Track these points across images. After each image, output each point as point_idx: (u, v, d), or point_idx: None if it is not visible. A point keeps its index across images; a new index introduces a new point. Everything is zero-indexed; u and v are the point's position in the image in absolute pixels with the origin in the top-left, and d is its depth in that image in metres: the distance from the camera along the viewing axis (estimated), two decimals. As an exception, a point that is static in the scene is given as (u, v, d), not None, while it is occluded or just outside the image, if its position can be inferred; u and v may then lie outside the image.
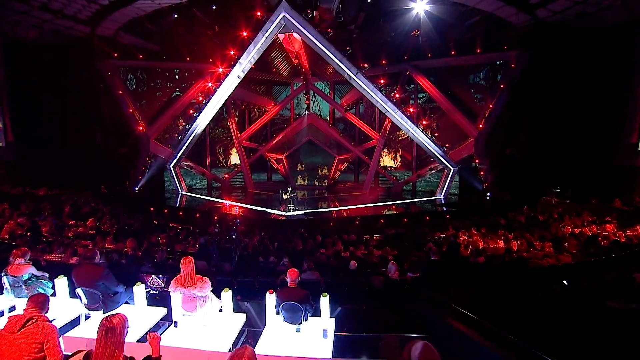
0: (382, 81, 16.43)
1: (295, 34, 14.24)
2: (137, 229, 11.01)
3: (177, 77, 20.91)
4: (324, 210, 15.13)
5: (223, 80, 15.62)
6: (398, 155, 23.06)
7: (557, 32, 16.77)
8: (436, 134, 17.91)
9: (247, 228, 12.06)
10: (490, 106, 18.37)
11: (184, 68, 20.24)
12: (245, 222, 13.86)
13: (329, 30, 14.10)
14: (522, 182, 18.59)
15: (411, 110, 17.31)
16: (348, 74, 15.12)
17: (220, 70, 15.69)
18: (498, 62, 19.42)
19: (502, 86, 18.18)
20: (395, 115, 16.76)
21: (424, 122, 17.76)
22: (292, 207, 14.48)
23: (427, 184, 22.43)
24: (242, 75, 15.55)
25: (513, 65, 17.83)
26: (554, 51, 16.98)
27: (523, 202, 16.18)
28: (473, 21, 17.79)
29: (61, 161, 18.15)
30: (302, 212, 14.21)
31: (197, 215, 14.67)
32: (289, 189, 14.94)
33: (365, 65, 15.44)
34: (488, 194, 18.56)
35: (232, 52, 15.18)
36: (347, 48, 15.20)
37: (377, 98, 16.07)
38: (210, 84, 16.68)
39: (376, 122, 22.75)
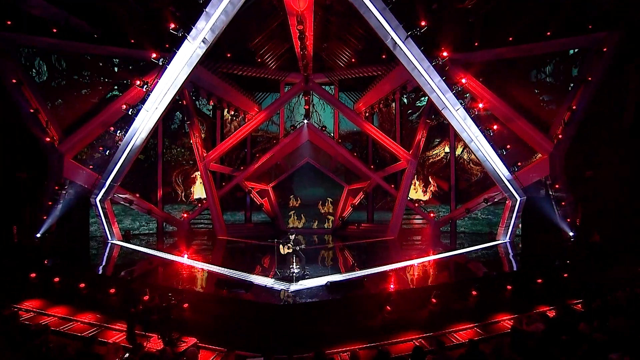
0: (445, 54, 10.26)
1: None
2: None
3: (115, 68, 14.21)
4: (358, 275, 8.14)
5: (179, 46, 9.01)
6: (429, 185, 16.81)
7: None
8: (508, 147, 11.82)
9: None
10: (574, 107, 12.71)
11: (126, 55, 13.63)
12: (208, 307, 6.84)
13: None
14: (614, 215, 13.29)
15: (480, 106, 11.21)
16: (392, 39, 9.05)
17: (172, 27, 9.07)
18: (572, 51, 14.14)
19: (589, 79, 12.67)
20: (455, 114, 10.64)
21: (495, 127, 11.69)
22: (298, 271, 7.58)
23: (473, 223, 16.16)
24: (209, 38, 9.10)
25: (605, 50, 12.46)
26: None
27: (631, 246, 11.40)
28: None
29: None
30: (323, 280, 7.27)
31: (112, 291, 7.36)
32: (292, 236, 8.05)
33: (423, 23, 9.25)
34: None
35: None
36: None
37: (433, 83, 9.93)
38: (155, 56, 9.94)
39: (397, 138, 16.68)
